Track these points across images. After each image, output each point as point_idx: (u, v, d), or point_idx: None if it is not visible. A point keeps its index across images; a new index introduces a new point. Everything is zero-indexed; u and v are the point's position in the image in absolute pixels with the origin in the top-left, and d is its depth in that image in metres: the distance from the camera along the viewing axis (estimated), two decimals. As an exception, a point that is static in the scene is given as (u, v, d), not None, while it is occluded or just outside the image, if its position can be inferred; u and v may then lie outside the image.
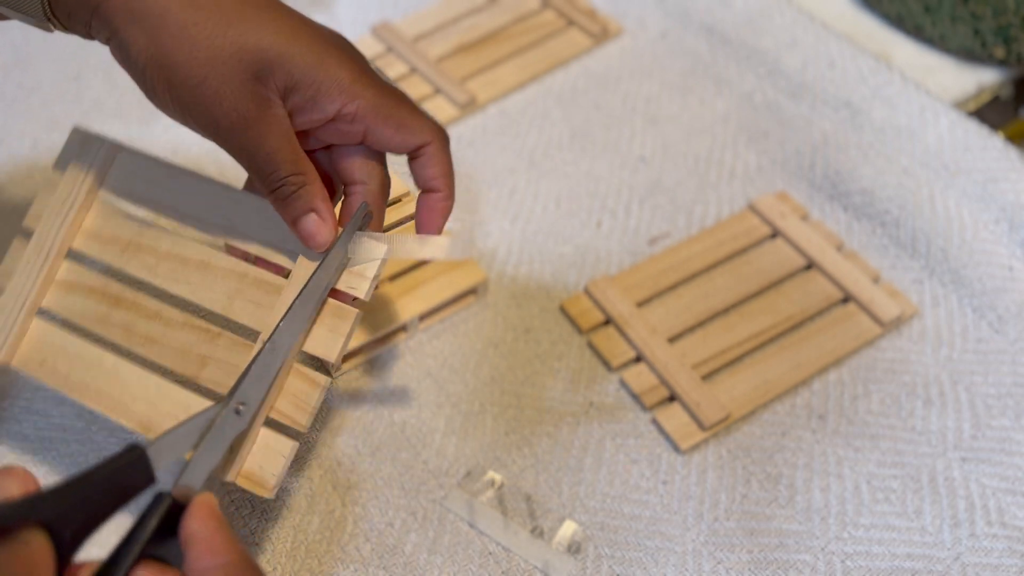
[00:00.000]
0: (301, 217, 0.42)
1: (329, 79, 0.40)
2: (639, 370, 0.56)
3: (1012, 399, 0.55)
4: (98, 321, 0.47)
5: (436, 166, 0.44)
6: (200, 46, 0.39)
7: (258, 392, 0.41)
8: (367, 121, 0.41)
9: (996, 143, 0.64)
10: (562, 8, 0.78)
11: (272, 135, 0.40)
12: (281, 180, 0.41)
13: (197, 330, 0.46)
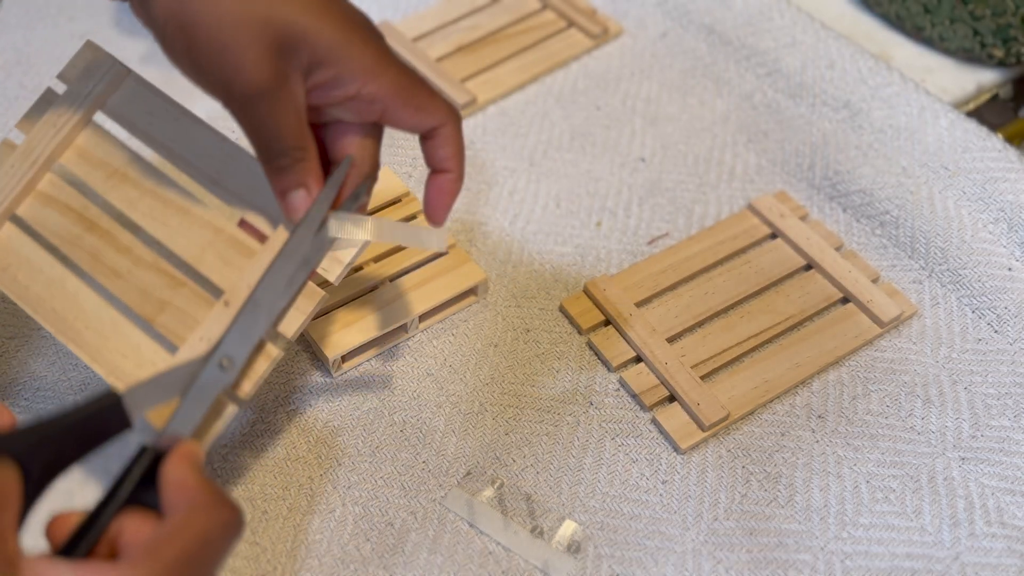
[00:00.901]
0: (290, 190, 0.42)
1: (353, 59, 0.40)
2: (639, 370, 0.56)
3: (1011, 399, 0.55)
4: (68, 242, 0.46)
5: (450, 146, 0.44)
6: (225, 12, 0.38)
7: (244, 349, 0.42)
8: (387, 102, 0.41)
9: (995, 143, 0.64)
10: (562, 8, 0.78)
11: (283, 110, 0.40)
12: (282, 152, 0.41)
13: (163, 274, 0.46)
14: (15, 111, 0.71)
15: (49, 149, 0.47)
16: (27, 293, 0.46)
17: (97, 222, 0.47)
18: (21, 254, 0.47)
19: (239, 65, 0.38)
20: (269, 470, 0.52)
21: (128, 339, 0.45)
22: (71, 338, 0.45)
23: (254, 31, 0.38)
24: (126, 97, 0.48)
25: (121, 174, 0.47)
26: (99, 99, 0.47)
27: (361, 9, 0.42)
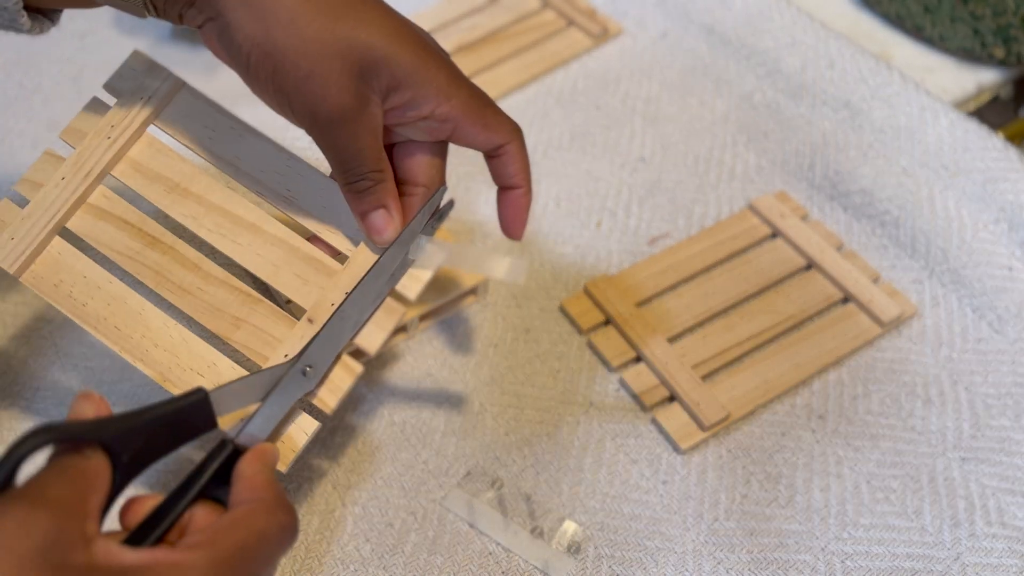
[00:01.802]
0: (371, 211, 0.43)
1: (428, 81, 0.41)
2: (639, 370, 0.56)
3: (1012, 399, 0.55)
4: (128, 257, 0.45)
5: (518, 163, 0.45)
6: (310, 39, 0.39)
7: (326, 358, 0.43)
8: (458, 121, 0.43)
9: (996, 143, 0.64)
10: (562, 8, 0.78)
11: (365, 133, 0.41)
12: (362, 175, 0.42)
13: (236, 291, 0.45)
14: (15, 111, 0.71)
15: (103, 162, 0.45)
16: (84, 311, 0.45)
17: (159, 237, 0.46)
18: (75, 269, 0.45)
19: (325, 90, 0.39)
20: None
21: (202, 357, 0.44)
22: (139, 357, 0.44)
23: (338, 57, 0.39)
24: (182, 110, 0.47)
25: (182, 189, 0.46)
26: (153, 111, 0.46)
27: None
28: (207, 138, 0.46)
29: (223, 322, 0.44)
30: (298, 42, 0.39)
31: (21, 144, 0.69)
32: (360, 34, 0.40)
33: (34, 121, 0.71)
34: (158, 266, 0.45)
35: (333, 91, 0.40)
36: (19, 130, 0.70)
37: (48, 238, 0.45)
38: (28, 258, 0.44)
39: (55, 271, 0.45)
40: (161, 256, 0.45)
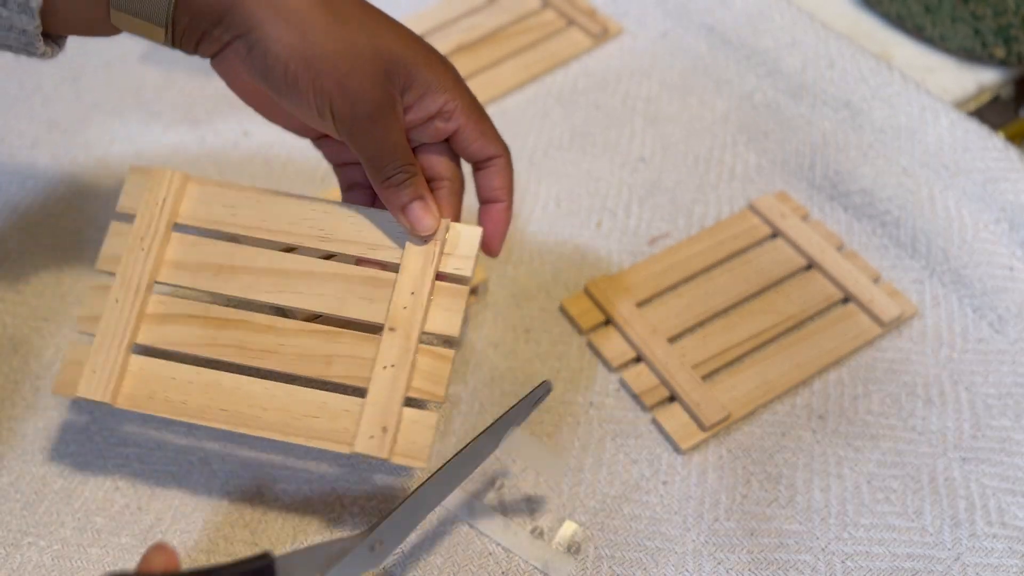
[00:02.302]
0: (410, 203, 0.46)
1: (436, 79, 0.45)
2: (639, 370, 0.56)
3: (1012, 399, 0.55)
4: (206, 345, 0.47)
5: (505, 177, 0.48)
6: (344, 42, 0.43)
7: (399, 536, 0.44)
8: (460, 120, 0.46)
9: (996, 143, 0.64)
10: (562, 8, 0.78)
11: (396, 128, 0.44)
12: (398, 168, 0.45)
13: (316, 333, 0.47)
14: (15, 111, 0.71)
15: (146, 273, 0.48)
16: (187, 408, 0.46)
17: (226, 317, 0.48)
18: (161, 376, 0.47)
19: (362, 89, 0.43)
20: (268, 471, 0.52)
21: (311, 402, 0.46)
22: (255, 426, 0.46)
23: (369, 59, 0.43)
24: (197, 201, 0.49)
25: (228, 267, 0.48)
26: (171, 212, 0.49)
27: None
28: (229, 215, 0.49)
29: (315, 364, 0.46)
30: (335, 46, 0.42)
31: (21, 144, 0.69)
32: (382, 39, 0.43)
33: (34, 121, 0.71)
34: (236, 341, 0.47)
35: (369, 89, 0.43)
36: (19, 130, 0.70)
37: (125, 359, 0.47)
38: (115, 384, 0.46)
39: (144, 385, 0.47)
40: (235, 332, 0.47)
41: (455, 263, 0.47)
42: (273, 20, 0.42)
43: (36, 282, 0.61)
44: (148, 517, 0.50)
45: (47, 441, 0.53)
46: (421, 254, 0.47)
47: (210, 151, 0.69)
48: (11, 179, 0.67)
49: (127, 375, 0.47)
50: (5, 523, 0.50)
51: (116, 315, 0.47)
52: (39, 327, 0.59)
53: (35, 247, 0.63)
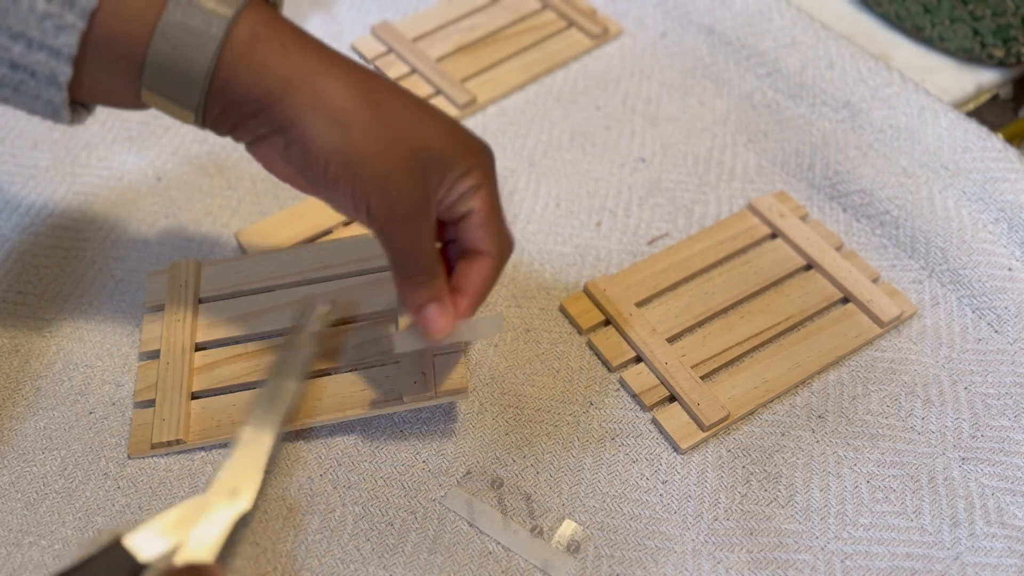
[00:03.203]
0: (427, 304, 0.46)
1: (469, 168, 0.44)
2: (639, 370, 0.56)
3: (1011, 399, 0.55)
4: (253, 372, 0.54)
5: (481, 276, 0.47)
6: (384, 141, 0.42)
7: (253, 478, 0.47)
8: (475, 204, 0.45)
9: (995, 143, 0.64)
10: (562, 8, 0.78)
11: (427, 229, 0.44)
12: (420, 269, 0.45)
13: (341, 332, 0.55)
14: (16, 112, 0.71)
15: (187, 337, 0.55)
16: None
17: (264, 346, 0.55)
18: (223, 407, 0.53)
19: (400, 190, 0.42)
20: (269, 471, 0.52)
21: (355, 381, 0.53)
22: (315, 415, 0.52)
23: (407, 158, 0.42)
24: (213, 278, 0.58)
25: (255, 312, 0.56)
26: (194, 293, 0.57)
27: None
28: (244, 280, 0.58)
29: (349, 354, 0.54)
30: (376, 146, 0.42)
31: (21, 144, 0.69)
32: (419, 135, 0.43)
33: (34, 121, 0.71)
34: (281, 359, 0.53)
35: (407, 189, 0.42)
36: (19, 130, 0.70)
37: (187, 406, 0.53)
38: (184, 425, 0.52)
39: (209, 419, 0.53)
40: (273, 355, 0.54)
41: None
42: (313, 119, 0.41)
43: (36, 282, 0.61)
44: (148, 517, 0.50)
45: (47, 441, 0.53)
46: None
47: (211, 150, 0.69)
48: (11, 179, 0.67)
49: (192, 416, 0.53)
50: (6, 523, 0.50)
51: (170, 375, 0.54)
52: (39, 327, 0.59)
53: (35, 247, 0.63)
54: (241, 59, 0.41)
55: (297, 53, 0.41)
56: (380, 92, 0.43)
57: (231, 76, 0.41)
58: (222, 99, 0.41)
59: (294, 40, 0.42)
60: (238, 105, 0.42)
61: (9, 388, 0.56)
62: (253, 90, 0.41)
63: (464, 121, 0.71)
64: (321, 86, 0.41)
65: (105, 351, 0.57)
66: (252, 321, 0.56)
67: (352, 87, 0.42)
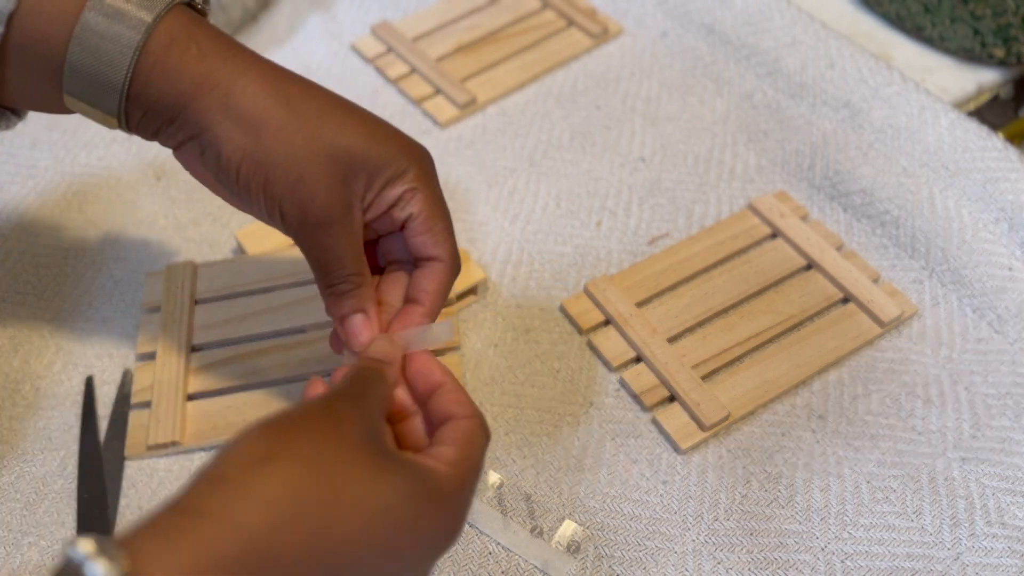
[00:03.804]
0: (350, 315, 0.44)
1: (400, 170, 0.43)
2: (639, 370, 0.56)
3: (1012, 399, 0.55)
4: (250, 374, 0.54)
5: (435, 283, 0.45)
6: (298, 145, 0.41)
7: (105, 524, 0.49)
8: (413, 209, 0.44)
9: (996, 143, 0.64)
10: (562, 8, 0.78)
11: (347, 236, 0.42)
12: (343, 278, 0.43)
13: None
14: (15, 111, 0.71)
15: (183, 340, 0.55)
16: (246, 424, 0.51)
17: (260, 348, 0.55)
18: (218, 409, 0.53)
19: (313, 196, 0.41)
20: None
21: None
22: None
23: (324, 162, 0.41)
24: (209, 279, 0.58)
25: (251, 314, 0.57)
26: (191, 292, 0.58)
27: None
28: (240, 281, 0.58)
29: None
30: (288, 149, 0.40)
31: (21, 143, 0.69)
32: (341, 139, 0.41)
33: (33, 121, 0.71)
34: (274, 363, 0.55)
35: (322, 194, 0.41)
36: (19, 129, 0.70)
37: (183, 407, 0.53)
38: (180, 428, 0.52)
39: (205, 421, 0.53)
40: (270, 356, 0.55)
41: None
42: (223, 122, 0.40)
43: (36, 282, 0.61)
44: (148, 517, 0.50)
45: (47, 441, 0.53)
46: None
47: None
48: (11, 179, 0.67)
49: (188, 419, 0.53)
50: (5, 523, 0.50)
51: (167, 377, 0.54)
52: (39, 327, 0.59)
53: (35, 247, 0.63)
54: (157, 65, 0.40)
55: (213, 57, 0.41)
56: (298, 95, 0.42)
57: (148, 82, 0.40)
58: (141, 105, 0.41)
59: (211, 44, 0.41)
60: (156, 111, 0.41)
61: (9, 388, 0.56)
62: (167, 95, 0.40)
63: (464, 121, 0.71)
64: (234, 89, 0.41)
65: (105, 351, 0.57)
66: (248, 322, 0.56)
67: (267, 89, 0.41)
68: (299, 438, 0.34)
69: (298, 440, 0.34)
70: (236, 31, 0.77)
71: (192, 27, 0.41)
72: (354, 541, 0.33)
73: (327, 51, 0.77)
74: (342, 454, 0.34)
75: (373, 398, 0.38)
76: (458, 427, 0.39)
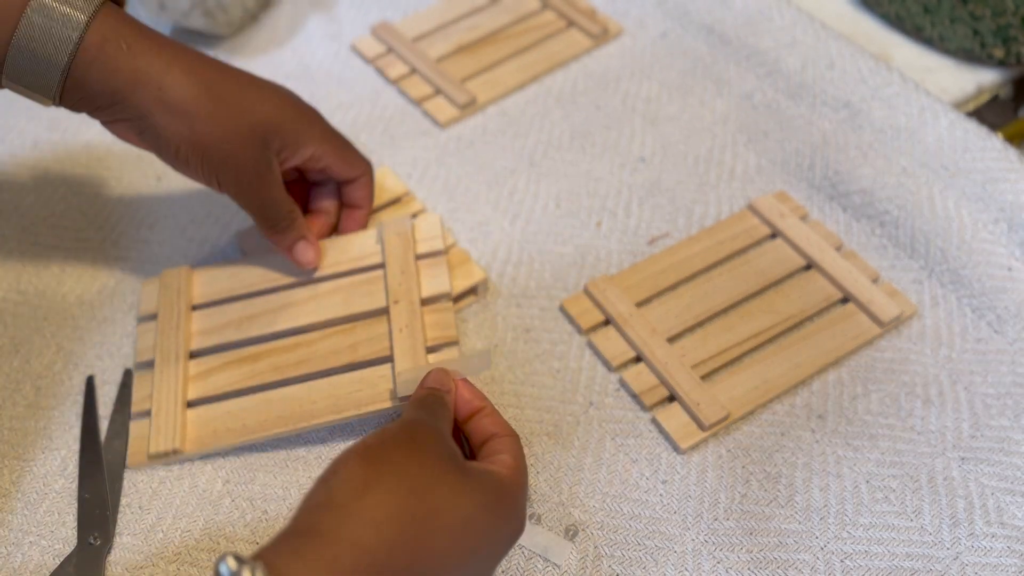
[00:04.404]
0: (295, 244, 0.56)
1: (305, 133, 0.54)
2: (639, 370, 0.56)
3: (1011, 399, 0.55)
4: (248, 378, 0.54)
5: (365, 189, 0.59)
6: (226, 128, 0.50)
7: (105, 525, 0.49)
8: (329, 159, 0.55)
9: (995, 143, 0.64)
10: (562, 8, 0.78)
11: (275, 187, 0.53)
12: (280, 217, 0.54)
13: (335, 334, 0.55)
14: (15, 111, 0.71)
15: (181, 347, 0.55)
16: (248, 428, 0.52)
17: (258, 352, 0.55)
18: (218, 415, 0.53)
19: (243, 165, 0.51)
20: (269, 470, 0.52)
21: (350, 381, 0.53)
22: (310, 417, 0.52)
23: (248, 137, 0.51)
24: (206, 283, 0.58)
25: (247, 317, 0.57)
26: (187, 297, 0.58)
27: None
28: (236, 285, 0.58)
29: (343, 355, 0.54)
30: (218, 132, 0.50)
31: (21, 144, 0.69)
32: (257, 114, 0.51)
33: (34, 121, 0.71)
34: (272, 366, 0.54)
35: (249, 163, 0.51)
36: (19, 129, 0.70)
37: (183, 414, 0.53)
38: (180, 435, 0.52)
39: (206, 427, 0.53)
40: (269, 359, 0.55)
41: (426, 245, 0.58)
42: (160, 112, 0.49)
43: (36, 282, 0.61)
44: (149, 517, 0.50)
45: (47, 441, 0.53)
46: (399, 247, 0.58)
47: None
48: (11, 179, 0.67)
49: (188, 425, 0.53)
50: (6, 523, 0.50)
51: (165, 385, 0.54)
52: (40, 327, 0.59)
53: (35, 247, 0.63)
54: (93, 61, 0.47)
55: (141, 54, 0.48)
56: (219, 81, 0.50)
57: (84, 75, 0.47)
58: (77, 93, 0.48)
59: (139, 41, 0.48)
60: (92, 98, 0.48)
61: (9, 388, 0.56)
62: (104, 88, 0.48)
63: (464, 121, 0.71)
64: (165, 83, 0.48)
65: (105, 351, 0.57)
66: (246, 326, 0.56)
67: (193, 80, 0.49)
68: (392, 464, 0.39)
69: (392, 466, 0.39)
70: (236, 31, 0.77)
71: (120, 25, 0.48)
72: (446, 550, 0.38)
73: (327, 51, 0.77)
74: (429, 474, 0.40)
75: (442, 420, 0.45)
76: (506, 441, 0.45)
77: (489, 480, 0.42)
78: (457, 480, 0.40)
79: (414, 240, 0.58)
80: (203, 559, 0.49)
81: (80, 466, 0.52)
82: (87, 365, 0.57)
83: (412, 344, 0.53)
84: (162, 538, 0.50)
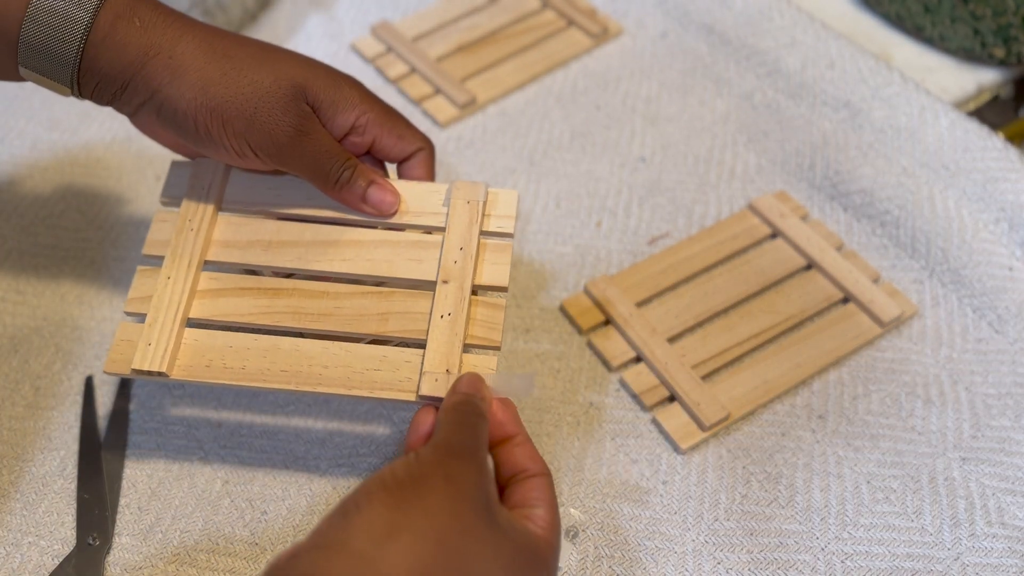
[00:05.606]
0: (366, 191, 0.49)
1: (344, 97, 0.47)
2: (639, 370, 0.56)
3: (1012, 399, 0.55)
4: (261, 314, 0.48)
5: (423, 168, 0.51)
6: (243, 84, 0.45)
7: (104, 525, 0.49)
8: (375, 131, 0.48)
9: (996, 143, 0.64)
10: (562, 8, 0.78)
11: (323, 137, 0.47)
12: (340, 169, 0.48)
13: (369, 294, 0.49)
14: (15, 111, 0.71)
15: (196, 251, 0.49)
16: (246, 372, 0.47)
17: (280, 287, 0.49)
18: (218, 346, 0.47)
19: (273, 119, 0.45)
20: (269, 471, 0.52)
21: (371, 356, 0.47)
22: (317, 383, 0.46)
23: (272, 90, 0.45)
24: (241, 186, 0.51)
25: (276, 242, 0.50)
26: (217, 198, 0.51)
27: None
28: (274, 196, 0.51)
29: (371, 323, 0.48)
30: (235, 90, 0.45)
31: (21, 144, 0.69)
32: (280, 72, 0.46)
33: (34, 121, 0.71)
34: (291, 308, 0.48)
35: (280, 116, 0.45)
36: (19, 129, 0.70)
37: (180, 333, 0.47)
38: (171, 356, 0.46)
39: (201, 356, 0.47)
40: (289, 299, 0.48)
41: (497, 222, 0.50)
42: (172, 82, 0.45)
43: (36, 282, 0.61)
44: (148, 517, 0.50)
45: (46, 441, 0.53)
46: (466, 216, 0.50)
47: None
48: (11, 179, 0.67)
49: (182, 348, 0.47)
50: (5, 523, 0.50)
51: (168, 292, 0.48)
52: (39, 327, 0.59)
53: (35, 247, 0.63)
54: (105, 39, 0.44)
55: (153, 28, 0.45)
56: (236, 46, 0.46)
57: (98, 55, 0.44)
58: (93, 76, 0.45)
59: (151, 16, 0.45)
60: (108, 81, 0.45)
61: (9, 388, 0.56)
62: (117, 66, 0.45)
63: (464, 121, 0.71)
64: (175, 52, 0.45)
65: (105, 351, 0.57)
66: (274, 251, 0.50)
67: (205, 47, 0.45)
68: (423, 510, 0.36)
69: (422, 512, 0.35)
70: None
71: (135, 3, 0.45)
72: None
73: (327, 51, 0.77)
74: (461, 525, 0.36)
75: (482, 442, 0.40)
76: (540, 485, 0.41)
77: (524, 540, 0.38)
78: (492, 536, 0.36)
79: (483, 214, 0.50)
80: (202, 560, 0.49)
81: (79, 466, 0.52)
82: (86, 365, 0.57)
83: (451, 337, 0.46)
84: (161, 539, 0.50)
